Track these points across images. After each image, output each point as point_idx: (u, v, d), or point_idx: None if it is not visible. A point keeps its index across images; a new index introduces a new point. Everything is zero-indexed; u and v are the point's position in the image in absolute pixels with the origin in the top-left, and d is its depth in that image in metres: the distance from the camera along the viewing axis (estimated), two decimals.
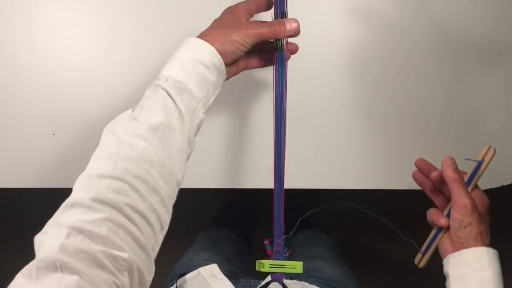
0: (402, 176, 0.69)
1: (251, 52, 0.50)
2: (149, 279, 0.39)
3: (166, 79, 0.44)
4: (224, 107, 0.69)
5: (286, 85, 0.50)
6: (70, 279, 0.32)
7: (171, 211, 0.43)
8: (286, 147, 0.51)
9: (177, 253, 0.85)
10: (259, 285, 0.60)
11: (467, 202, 0.50)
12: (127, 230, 0.37)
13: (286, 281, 0.64)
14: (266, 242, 0.51)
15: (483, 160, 0.54)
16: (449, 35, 0.69)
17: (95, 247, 0.34)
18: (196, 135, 0.47)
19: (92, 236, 0.35)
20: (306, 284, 0.65)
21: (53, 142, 0.68)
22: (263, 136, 0.69)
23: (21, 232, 1.59)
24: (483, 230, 0.51)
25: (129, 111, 0.44)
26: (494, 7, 0.69)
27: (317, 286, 0.65)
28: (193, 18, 0.68)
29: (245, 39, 0.47)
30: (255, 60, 0.54)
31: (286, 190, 0.51)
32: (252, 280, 0.68)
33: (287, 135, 0.51)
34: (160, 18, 0.67)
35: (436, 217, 0.54)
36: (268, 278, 0.61)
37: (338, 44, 0.68)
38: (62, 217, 0.37)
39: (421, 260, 0.57)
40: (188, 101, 0.44)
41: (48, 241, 0.35)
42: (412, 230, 0.56)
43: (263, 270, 0.50)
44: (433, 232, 0.56)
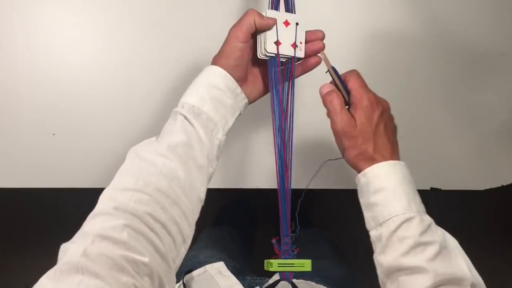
0: None
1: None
2: None
3: (183, 106, 0.46)
4: None
5: (292, 87, 0.50)
6: (90, 281, 0.33)
7: (193, 226, 0.45)
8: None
9: None
10: (267, 284, 0.60)
11: (337, 127, 0.48)
12: (147, 238, 0.38)
13: (293, 281, 0.64)
14: (273, 240, 0.51)
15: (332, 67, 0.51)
16: (449, 35, 0.69)
17: (117, 252, 0.35)
18: (218, 157, 0.48)
19: (114, 241, 0.36)
20: (313, 283, 0.65)
21: (53, 142, 0.68)
22: (264, 136, 0.69)
23: (21, 232, 1.59)
24: (366, 149, 0.47)
25: (153, 138, 0.47)
26: (495, 8, 0.69)
27: (323, 285, 0.65)
28: (193, 18, 0.68)
29: (236, 33, 0.48)
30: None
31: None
32: (258, 278, 0.69)
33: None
34: (159, 18, 0.67)
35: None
36: (275, 276, 0.61)
37: (339, 45, 0.69)
38: (87, 226, 0.38)
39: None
40: (205, 123, 0.46)
41: (73, 247, 0.36)
42: None
43: (271, 269, 0.49)
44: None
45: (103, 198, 0.41)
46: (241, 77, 0.50)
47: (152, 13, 0.67)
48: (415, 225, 0.42)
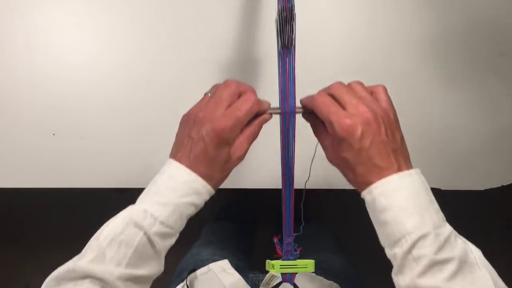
0: None
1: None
2: None
3: (152, 224, 0.40)
4: None
5: (295, 75, 0.47)
6: None
7: None
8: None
9: (180, 252, 0.86)
10: (271, 285, 0.59)
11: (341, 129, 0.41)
12: None
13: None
14: (275, 240, 0.50)
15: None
16: (449, 35, 0.69)
17: None
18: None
19: None
20: (313, 275, 0.65)
21: (53, 142, 0.68)
22: (266, 135, 0.69)
23: (21, 232, 1.59)
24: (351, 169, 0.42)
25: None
26: (495, 8, 0.69)
27: (325, 278, 0.65)
28: (194, 18, 0.68)
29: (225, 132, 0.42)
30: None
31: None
32: (261, 275, 0.69)
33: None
34: (160, 18, 0.67)
35: None
36: (278, 275, 0.61)
37: (339, 45, 0.69)
38: None
39: None
40: (169, 242, 0.42)
41: None
42: None
43: (273, 271, 0.48)
44: None
45: None
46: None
47: (153, 13, 0.67)
48: (430, 243, 0.38)
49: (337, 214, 1.47)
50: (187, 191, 0.41)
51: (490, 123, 0.70)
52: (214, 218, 1.18)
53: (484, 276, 0.38)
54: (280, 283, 0.56)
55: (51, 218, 1.52)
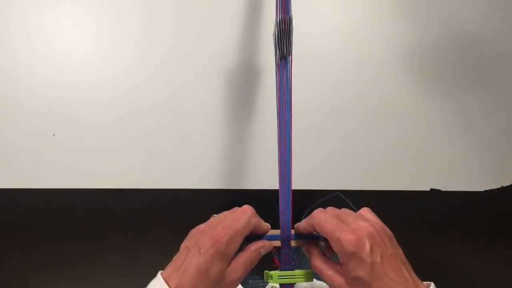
0: (401, 176, 0.70)
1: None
2: None
3: None
4: (226, 107, 0.69)
5: (291, 88, 0.48)
6: None
7: None
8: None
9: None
10: None
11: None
12: None
13: None
14: (273, 251, 0.48)
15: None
16: (449, 35, 0.69)
17: None
18: None
19: None
20: (314, 280, 0.65)
21: (53, 142, 0.68)
22: (264, 136, 0.69)
23: (21, 232, 1.59)
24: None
25: None
26: (495, 8, 0.69)
27: (325, 282, 0.65)
28: (195, 20, 0.68)
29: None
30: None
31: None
32: (261, 281, 0.68)
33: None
34: (160, 18, 0.67)
35: None
36: (277, 286, 0.61)
37: (339, 45, 0.69)
38: None
39: None
40: None
41: None
42: (411, 229, 0.56)
43: (271, 282, 0.47)
44: None
45: None
46: None
47: (153, 14, 0.67)
48: None
49: None
50: None
51: (490, 123, 0.70)
52: None
53: None
54: None
55: (51, 218, 1.52)
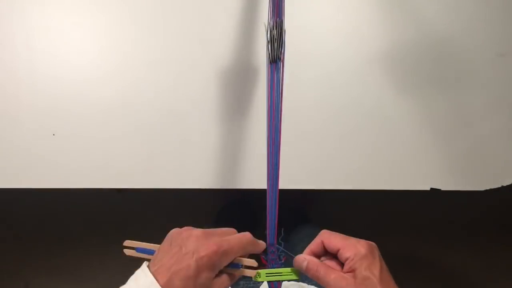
0: (401, 176, 0.70)
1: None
2: None
3: None
4: (224, 107, 0.69)
5: (282, 88, 0.48)
6: None
7: None
8: (284, 147, 0.50)
9: None
10: None
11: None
12: None
13: (283, 284, 0.64)
14: None
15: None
16: (449, 35, 0.69)
17: None
18: None
19: None
20: (304, 285, 0.65)
21: (53, 142, 0.68)
22: (263, 136, 0.69)
23: (21, 232, 1.59)
24: None
25: None
26: (494, 8, 0.69)
27: (315, 286, 0.65)
28: (193, 20, 0.68)
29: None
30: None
31: (284, 191, 0.50)
32: (252, 282, 0.68)
33: (286, 135, 0.50)
34: (160, 17, 0.67)
35: None
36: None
37: (338, 45, 0.69)
38: None
39: None
40: None
41: None
42: (411, 229, 0.56)
43: (259, 279, 0.48)
44: None
45: None
46: None
47: (153, 14, 0.67)
48: None
49: (337, 215, 1.47)
50: None
51: (489, 122, 0.70)
52: (212, 220, 1.18)
53: None
54: None
55: (51, 218, 1.52)
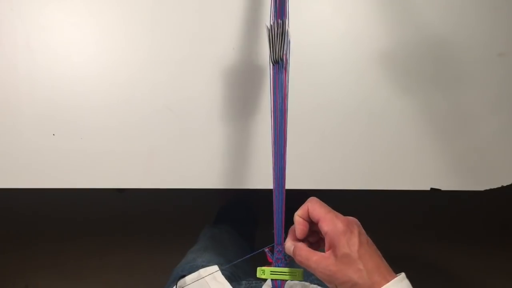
0: (401, 176, 0.70)
1: None
2: None
3: None
4: (225, 107, 0.69)
5: (286, 88, 0.48)
6: None
7: None
8: (287, 148, 0.50)
9: (177, 253, 0.86)
10: None
11: (320, 274, 0.45)
12: None
13: (286, 283, 0.64)
14: (266, 249, 0.51)
15: None
16: (449, 35, 0.69)
17: None
18: None
19: None
20: (307, 284, 0.65)
21: (53, 142, 0.68)
22: (263, 136, 0.69)
23: (21, 232, 1.59)
24: (360, 277, 0.42)
25: None
26: (494, 8, 0.69)
27: (318, 285, 0.65)
28: (194, 18, 0.68)
29: None
30: None
31: (287, 191, 0.50)
32: (254, 282, 0.68)
33: (288, 135, 0.50)
34: (160, 18, 0.67)
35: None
36: (269, 281, 0.61)
37: (338, 44, 0.69)
38: None
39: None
40: None
41: None
42: (411, 229, 0.56)
43: (263, 277, 0.49)
44: None
45: None
46: None
47: (153, 13, 0.67)
48: None
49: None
50: None
51: (489, 122, 0.70)
52: (213, 220, 1.18)
53: None
54: None
55: (51, 218, 1.52)
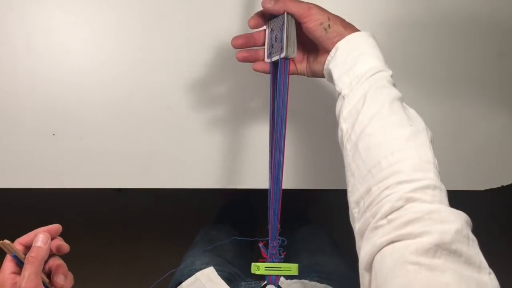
0: None
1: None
2: None
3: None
4: (225, 107, 0.69)
5: (288, 87, 0.49)
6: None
7: None
8: (285, 147, 0.50)
9: (177, 253, 0.86)
10: None
11: (309, 5, 0.48)
12: None
13: (285, 281, 0.64)
14: (260, 244, 0.51)
15: None
16: (449, 35, 0.69)
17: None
18: None
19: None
20: (306, 282, 0.65)
21: (53, 142, 0.68)
22: (263, 136, 0.69)
23: (21, 232, 1.59)
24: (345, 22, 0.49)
25: None
26: (494, 8, 0.69)
27: (318, 282, 0.65)
28: (195, 19, 0.68)
29: None
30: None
31: (285, 190, 0.51)
32: (253, 282, 0.68)
33: (288, 135, 0.50)
34: (161, 18, 0.67)
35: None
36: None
37: None
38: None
39: None
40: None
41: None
42: None
43: (258, 272, 0.50)
44: None
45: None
46: None
47: (154, 13, 0.67)
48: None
49: (337, 215, 1.47)
50: None
51: (490, 122, 0.70)
52: (212, 220, 1.18)
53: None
54: (265, 286, 0.57)
55: (51, 218, 1.51)
